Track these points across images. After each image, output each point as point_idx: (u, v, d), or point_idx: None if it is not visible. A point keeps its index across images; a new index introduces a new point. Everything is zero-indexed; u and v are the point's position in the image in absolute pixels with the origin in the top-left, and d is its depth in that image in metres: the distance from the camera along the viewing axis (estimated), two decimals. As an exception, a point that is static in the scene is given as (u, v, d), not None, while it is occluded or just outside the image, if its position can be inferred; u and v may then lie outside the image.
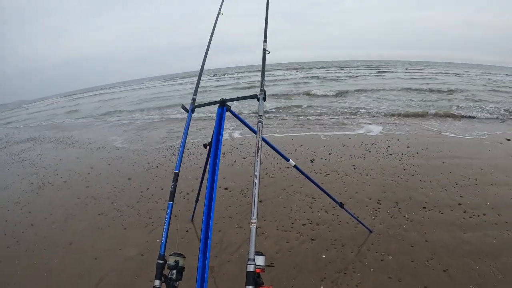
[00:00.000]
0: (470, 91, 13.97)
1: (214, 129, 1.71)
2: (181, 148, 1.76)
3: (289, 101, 12.64)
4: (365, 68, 37.97)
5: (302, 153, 5.20)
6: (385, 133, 6.38)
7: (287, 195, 3.67)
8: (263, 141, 1.86)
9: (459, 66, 46.22)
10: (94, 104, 21.58)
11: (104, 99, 24.92)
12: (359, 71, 30.63)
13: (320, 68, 40.85)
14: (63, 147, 7.94)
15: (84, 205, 4.04)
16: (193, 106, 1.93)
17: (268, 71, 36.54)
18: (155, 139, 7.38)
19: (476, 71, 32.54)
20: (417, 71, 30.32)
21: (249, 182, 4.07)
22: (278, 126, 7.75)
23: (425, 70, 31.89)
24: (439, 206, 3.29)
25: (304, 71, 35.08)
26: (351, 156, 4.91)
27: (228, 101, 1.76)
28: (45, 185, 4.97)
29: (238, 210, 3.41)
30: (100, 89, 49.54)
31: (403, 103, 10.93)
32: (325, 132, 6.77)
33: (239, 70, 57.74)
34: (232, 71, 56.38)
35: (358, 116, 8.72)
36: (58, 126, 12.56)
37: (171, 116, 11.32)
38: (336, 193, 3.63)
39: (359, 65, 48.89)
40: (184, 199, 3.79)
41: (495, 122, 7.92)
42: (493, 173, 4.17)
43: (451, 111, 8.99)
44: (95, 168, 5.51)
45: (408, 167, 4.35)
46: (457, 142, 5.73)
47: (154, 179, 4.61)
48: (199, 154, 5.48)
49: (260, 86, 1.63)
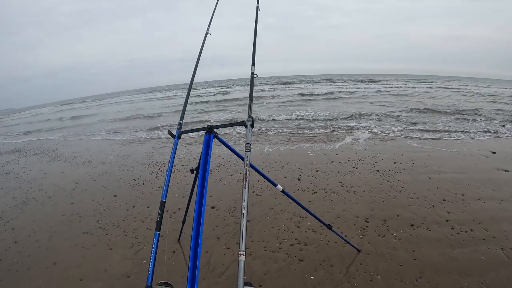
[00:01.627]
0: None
1: (201, 155, 1.67)
2: (167, 176, 1.71)
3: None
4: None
5: (289, 170, 5.18)
6: (372, 149, 6.43)
7: (274, 214, 3.63)
8: (251, 167, 1.83)
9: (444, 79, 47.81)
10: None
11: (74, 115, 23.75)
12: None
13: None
14: (47, 160, 7.79)
15: (69, 222, 3.92)
16: (179, 132, 1.88)
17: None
18: (141, 154, 7.29)
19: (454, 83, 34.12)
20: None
21: (236, 201, 4.02)
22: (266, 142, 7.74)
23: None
24: (427, 223, 3.30)
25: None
26: (338, 173, 4.91)
27: (216, 128, 1.73)
28: (30, 200, 4.84)
29: (225, 230, 3.35)
30: (81, 101, 49.21)
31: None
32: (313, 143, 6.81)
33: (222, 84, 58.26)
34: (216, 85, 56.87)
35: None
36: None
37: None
38: (323, 211, 3.62)
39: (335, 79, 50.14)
40: (170, 218, 3.71)
41: (480, 134, 8.08)
42: (479, 187, 4.23)
43: (436, 125, 9.17)
44: (80, 184, 5.40)
45: (395, 184, 4.38)
46: (442, 156, 5.81)
47: (140, 196, 4.52)
48: (186, 172, 5.40)
49: (248, 112, 1.61)
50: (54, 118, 22.84)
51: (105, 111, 23.71)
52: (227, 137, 8.39)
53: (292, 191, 4.20)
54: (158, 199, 4.21)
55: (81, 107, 33.25)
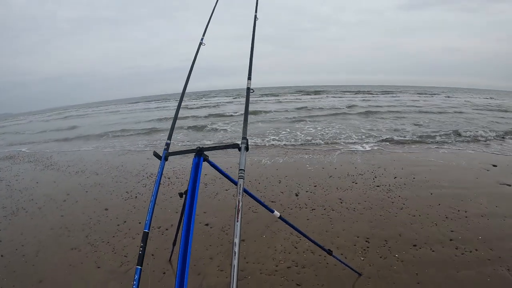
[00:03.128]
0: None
1: (189, 180, 1.51)
2: (152, 203, 1.52)
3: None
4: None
5: (287, 185, 5.01)
6: (372, 163, 6.30)
7: (271, 233, 3.46)
8: (245, 192, 1.67)
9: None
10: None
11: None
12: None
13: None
14: (41, 169, 7.63)
15: (57, 236, 3.76)
16: (166, 153, 1.72)
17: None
18: (135, 165, 7.12)
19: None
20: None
21: (231, 218, 3.84)
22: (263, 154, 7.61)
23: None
24: (430, 243, 3.15)
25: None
26: (337, 189, 4.76)
27: (206, 150, 1.58)
28: (19, 211, 4.69)
29: (219, 250, 3.17)
30: (79, 108, 49.04)
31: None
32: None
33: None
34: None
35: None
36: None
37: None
38: (322, 230, 3.46)
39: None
40: (162, 235, 3.54)
41: (480, 146, 8.00)
42: (482, 203, 4.11)
43: (433, 137, 9.10)
44: (71, 195, 5.23)
45: (396, 200, 4.24)
46: (443, 170, 5.69)
47: (132, 211, 4.35)
48: (180, 184, 5.25)
49: (242, 133, 1.46)
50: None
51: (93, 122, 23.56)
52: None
53: (289, 208, 4.07)
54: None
55: (72, 116, 33.14)
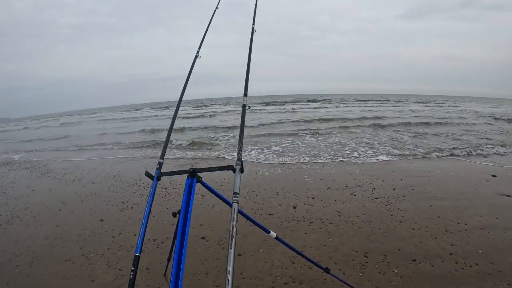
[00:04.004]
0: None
1: (182, 201, 1.46)
2: (143, 225, 1.45)
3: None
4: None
5: (285, 197, 4.95)
6: (370, 174, 6.26)
7: (268, 247, 3.39)
8: (240, 213, 1.63)
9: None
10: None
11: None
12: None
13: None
14: (37, 176, 7.57)
15: (52, 247, 3.68)
16: (159, 173, 1.66)
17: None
18: (132, 174, 7.05)
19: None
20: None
21: (227, 231, 3.77)
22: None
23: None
24: (429, 258, 3.11)
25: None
26: (335, 201, 4.71)
27: (199, 171, 1.54)
28: (14, 219, 4.63)
29: (215, 265, 3.10)
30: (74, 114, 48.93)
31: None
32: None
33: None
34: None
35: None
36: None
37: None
38: (320, 245, 3.41)
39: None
40: (158, 249, 3.48)
41: (478, 156, 8.00)
42: (482, 215, 4.09)
43: (434, 148, 9.08)
44: (67, 204, 5.17)
45: (395, 213, 4.19)
46: (442, 181, 5.66)
47: (127, 222, 4.28)
48: (177, 195, 5.17)
49: (237, 154, 1.42)
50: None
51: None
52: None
53: (287, 221, 4.01)
54: (147, 226, 3.99)
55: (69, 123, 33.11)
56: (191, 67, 2.20)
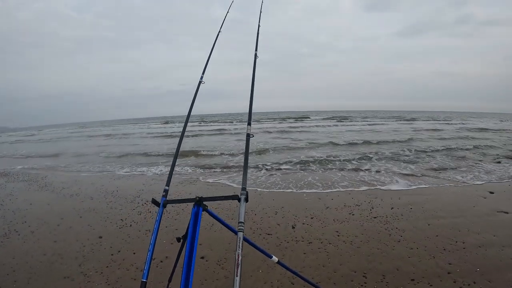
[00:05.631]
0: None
1: (188, 229, 1.49)
2: (150, 251, 1.48)
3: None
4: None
5: (283, 217, 4.94)
6: (368, 193, 6.29)
7: (267, 267, 3.37)
8: (245, 241, 1.66)
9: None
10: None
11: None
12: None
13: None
14: (35, 189, 7.56)
15: (50, 264, 3.65)
16: (164, 200, 1.68)
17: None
18: (131, 191, 7.03)
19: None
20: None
21: (227, 251, 3.77)
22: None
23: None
24: (427, 277, 3.11)
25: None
26: (334, 221, 4.71)
27: (205, 200, 1.57)
28: (11, 233, 4.60)
29: (215, 285, 3.09)
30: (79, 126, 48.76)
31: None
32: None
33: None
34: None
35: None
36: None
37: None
38: (319, 265, 3.40)
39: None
40: (157, 268, 3.45)
41: (475, 173, 8.04)
42: (480, 233, 4.11)
43: (429, 165, 9.16)
44: (65, 220, 5.14)
45: (393, 232, 4.21)
46: (440, 199, 5.70)
47: (126, 240, 4.25)
48: (175, 214, 5.15)
49: (242, 183, 1.46)
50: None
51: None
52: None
53: (286, 241, 4.01)
54: (146, 245, 3.98)
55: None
56: (195, 93, 2.25)
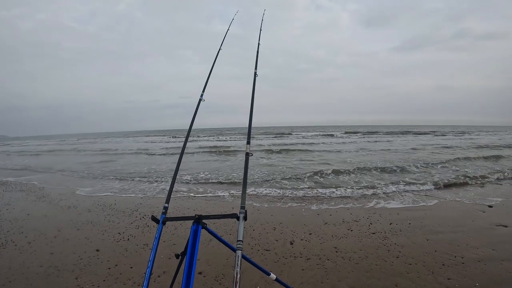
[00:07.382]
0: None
1: (188, 247, 1.51)
2: (149, 268, 1.50)
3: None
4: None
5: (282, 233, 4.90)
6: (367, 208, 6.29)
7: (265, 283, 3.32)
8: (243, 259, 1.67)
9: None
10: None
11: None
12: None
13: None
14: (32, 199, 7.56)
15: (46, 276, 3.60)
16: (164, 218, 1.70)
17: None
18: (129, 204, 7.00)
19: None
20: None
21: (225, 266, 3.73)
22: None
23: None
24: (426, 294, 3.07)
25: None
26: (332, 237, 4.68)
27: (205, 218, 1.58)
28: (8, 244, 4.57)
29: (212, 302, 3.08)
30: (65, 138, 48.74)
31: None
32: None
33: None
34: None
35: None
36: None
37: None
38: (317, 281, 3.37)
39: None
40: (154, 282, 3.40)
41: (474, 186, 8.06)
42: (479, 247, 4.11)
43: (429, 178, 9.17)
44: (62, 232, 5.12)
45: (392, 248, 4.19)
46: (439, 214, 5.70)
47: (123, 253, 4.20)
48: (173, 228, 5.09)
49: (241, 202, 1.47)
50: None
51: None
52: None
53: (284, 258, 3.98)
54: (143, 259, 3.97)
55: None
56: (196, 111, 2.28)
